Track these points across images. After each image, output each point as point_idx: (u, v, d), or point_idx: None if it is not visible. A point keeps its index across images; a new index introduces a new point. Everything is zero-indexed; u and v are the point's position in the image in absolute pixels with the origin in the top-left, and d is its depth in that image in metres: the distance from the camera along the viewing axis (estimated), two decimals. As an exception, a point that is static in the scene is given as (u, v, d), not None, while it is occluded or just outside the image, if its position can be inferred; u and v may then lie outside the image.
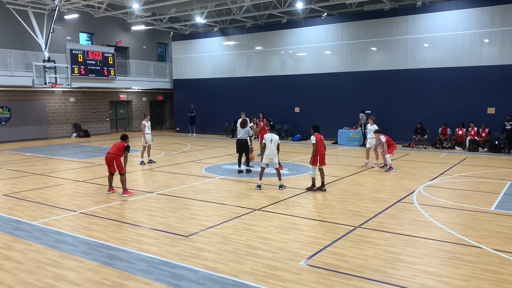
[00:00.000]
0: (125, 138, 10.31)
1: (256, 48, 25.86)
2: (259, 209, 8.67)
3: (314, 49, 23.48)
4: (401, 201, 9.38)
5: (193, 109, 27.15)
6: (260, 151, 12.18)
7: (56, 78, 21.03)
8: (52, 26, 20.81)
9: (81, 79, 24.05)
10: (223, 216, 8.21)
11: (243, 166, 13.17)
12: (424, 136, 19.30)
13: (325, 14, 22.55)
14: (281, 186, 10.62)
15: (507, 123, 17.28)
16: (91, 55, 24.29)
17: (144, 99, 30.84)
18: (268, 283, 5.21)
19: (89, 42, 27.39)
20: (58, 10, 20.88)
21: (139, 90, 29.86)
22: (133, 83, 27.94)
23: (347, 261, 5.86)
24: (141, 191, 10.48)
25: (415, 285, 5.15)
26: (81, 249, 6.42)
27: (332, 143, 21.25)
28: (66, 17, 24.67)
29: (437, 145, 19.16)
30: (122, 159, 10.09)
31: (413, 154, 17.44)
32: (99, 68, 24.71)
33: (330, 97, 22.88)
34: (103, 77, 25.02)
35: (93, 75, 24.45)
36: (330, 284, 5.17)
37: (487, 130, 18.14)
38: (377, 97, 21.47)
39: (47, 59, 20.93)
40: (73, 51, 23.46)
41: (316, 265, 5.75)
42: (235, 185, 11.25)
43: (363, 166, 14.19)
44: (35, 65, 20.28)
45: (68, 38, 25.28)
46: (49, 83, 20.75)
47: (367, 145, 14.66)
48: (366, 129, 16.59)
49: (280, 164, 13.05)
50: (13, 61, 21.59)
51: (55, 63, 21.18)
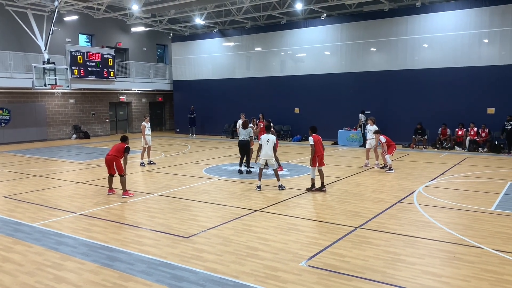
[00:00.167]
0: (125, 139, 10.30)
1: (255, 49, 25.88)
2: (259, 210, 8.66)
3: (313, 50, 23.49)
4: (401, 201, 9.38)
5: (193, 110, 27.16)
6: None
7: (55, 79, 21.06)
8: (51, 27, 20.83)
9: (80, 81, 24.07)
10: (223, 217, 8.21)
11: (244, 167, 13.19)
12: (424, 136, 19.29)
13: (325, 15, 22.57)
14: (280, 186, 10.61)
15: (507, 123, 17.28)
16: (91, 57, 24.31)
17: (144, 100, 30.84)
18: (268, 284, 5.21)
19: (89, 43, 27.40)
20: (57, 11, 20.90)
21: (139, 91, 29.87)
22: (133, 84, 27.95)
23: (348, 262, 5.86)
24: (141, 193, 10.48)
25: (415, 285, 5.15)
26: (81, 251, 6.42)
27: (332, 144, 21.26)
28: (65, 18, 24.69)
29: (437, 146, 19.16)
30: (122, 160, 10.09)
31: (413, 154, 17.44)
32: (98, 69, 24.73)
33: (329, 97, 22.89)
34: (102, 78, 25.03)
35: (92, 77, 24.46)
36: (330, 285, 5.17)
37: (486, 130, 18.16)
38: (376, 97, 21.48)
39: (46, 60, 20.95)
40: (73, 53, 23.48)
41: (316, 266, 5.75)
42: (235, 186, 11.25)
43: (363, 166, 14.20)
44: (35, 67, 20.29)
45: (67, 39, 25.30)
46: (48, 84, 20.76)
47: (367, 146, 14.66)
48: (365, 129, 16.62)
49: (280, 165, 13.11)
50: (12, 62, 21.61)
51: (54, 65, 21.19)
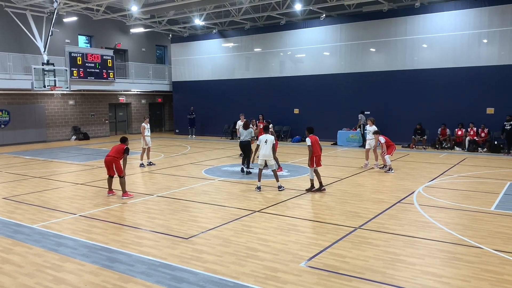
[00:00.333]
0: (124, 140, 10.29)
1: (255, 49, 25.88)
2: (259, 211, 8.66)
3: (313, 50, 23.50)
4: (401, 201, 9.38)
5: (193, 111, 27.15)
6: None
7: (55, 81, 21.02)
8: (51, 29, 20.81)
9: (80, 82, 24.06)
10: (223, 218, 8.20)
11: (244, 167, 13.18)
12: (423, 136, 19.29)
13: (324, 15, 22.57)
14: (280, 187, 10.61)
15: (506, 123, 17.28)
16: (90, 58, 24.31)
17: (143, 101, 30.84)
18: (268, 284, 5.20)
19: (88, 44, 27.39)
20: (56, 13, 20.86)
21: (138, 92, 29.87)
22: (132, 85, 27.95)
23: (347, 262, 5.86)
24: (140, 194, 10.47)
25: (415, 285, 5.15)
26: (81, 252, 6.41)
27: (331, 144, 21.26)
28: (65, 20, 24.68)
29: (437, 146, 19.16)
30: (121, 161, 10.08)
31: (412, 154, 17.44)
32: (98, 70, 24.72)
33: (329, 98, 22.89)
34: (102, 79, 25.03)
35: (92, 78, 24.46)
36: (330, 285, 5.17)
37: (486, 130, 18.16)
38: (376, 98, 21.49)
39: (46, 62, 20.92)
40: (72, 54, 23.48)
41: (316, 266, 5.75)
42: (235, 187, 11.25)
43: (363, 167, 14.20)
44: (34, 68, 20.27)
45: (67, 41, 25.30)
46: (48, 86, 20.73)
47: (366, 146, 14.66)
48: (365, 130, 16.61)
49: (279, 166, 13.11)
50: (12, 64, 21.60)
51: (54, 66, 21.17)
